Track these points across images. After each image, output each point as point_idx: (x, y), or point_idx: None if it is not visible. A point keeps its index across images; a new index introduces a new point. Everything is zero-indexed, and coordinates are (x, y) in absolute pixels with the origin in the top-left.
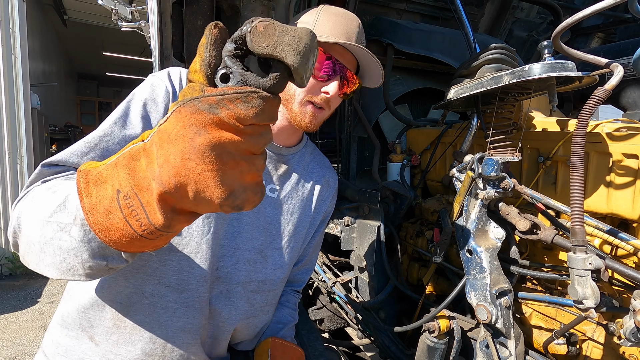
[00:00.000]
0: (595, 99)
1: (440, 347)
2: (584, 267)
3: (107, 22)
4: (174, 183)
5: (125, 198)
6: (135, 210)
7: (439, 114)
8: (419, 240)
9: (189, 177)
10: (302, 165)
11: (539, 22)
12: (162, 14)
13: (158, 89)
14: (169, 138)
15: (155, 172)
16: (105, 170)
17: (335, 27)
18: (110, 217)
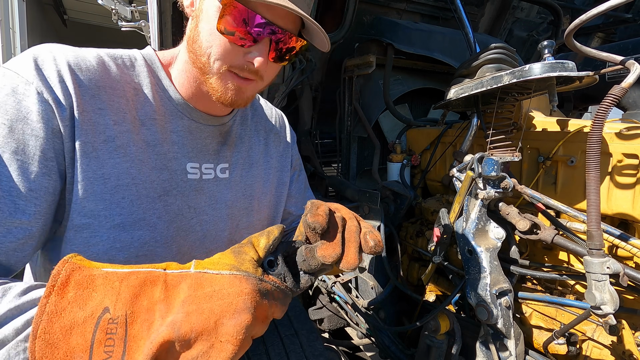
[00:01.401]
0: (612, 98)
1: (440, 347)
2: (602, 272)
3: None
4: (190, 336)
5: (111, 321)
6: (112, 340)
7: (439, 114)
8: (419, 240)
9: (210, 340)
10: (246, 126)
11: (539, 22)
12: (162, 14)
13: (27, 105)
14: (214, 293)
15: (173, 315)
16: (102, 278)
17: None
18: (69, 338)
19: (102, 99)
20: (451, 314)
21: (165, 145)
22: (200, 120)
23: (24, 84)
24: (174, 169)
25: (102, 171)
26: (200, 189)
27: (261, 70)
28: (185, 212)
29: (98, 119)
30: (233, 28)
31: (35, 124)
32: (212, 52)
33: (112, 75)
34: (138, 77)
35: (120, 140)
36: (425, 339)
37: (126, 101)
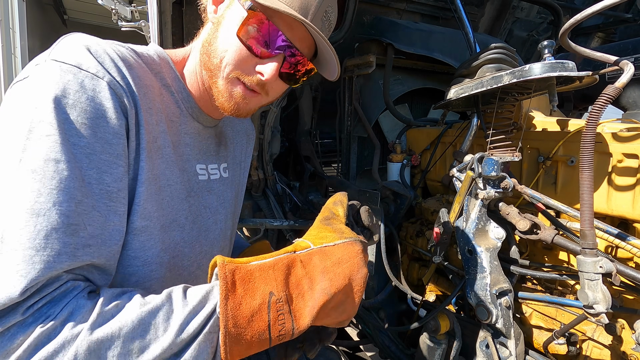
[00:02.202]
0: (605, 98)
1: (440, 347)
2: (595, 271)
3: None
4: (337, 294)
5: (278, 302)
6: (282, 316)
7: (439, 114)
8: (419, 240)
9: (348, 293)
10: (232, 127)
11: (539, 21)
12: (162, 14)
13: (101, 101)
14: (341, 260)
15: (321, 283)
16: (258, 270)
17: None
18: (252, 323)
19: (149, 98)
20: (451, 314)
21: (181, 147)
22: (204, 123)
23: (90, 78)
24: (189, 171)
25: (155, 172)
26: (210, 189)
27: (268, 84)
28: (203, 212)
29: (149, 119)
30: (252, 37)
31: (114, 122)
32: (226, 55)
33: (148, 74)
34: (161, 77)
35: (160, 141)
36: (425, 339)
37: (161, 101)
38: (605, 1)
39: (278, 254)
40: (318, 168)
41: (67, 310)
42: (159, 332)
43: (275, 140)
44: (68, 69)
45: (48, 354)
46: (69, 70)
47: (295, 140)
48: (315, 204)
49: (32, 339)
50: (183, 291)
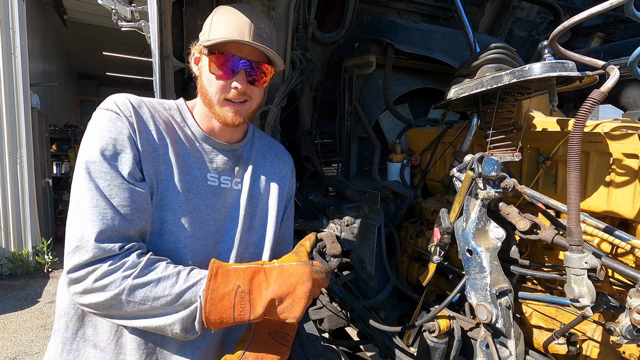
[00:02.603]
0: (592, 102)
1: (440, 347)
2: (580, 266)
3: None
4: (282, 295)
5: (242, 292)
6: (243, 302)
7: (439, 114)
8: (419, 240)
9: (292, 297)
10: (255, 152)
11: (539, 21)
12: (162, 14)
13: (122, 137)
14: (291, 274)
15: (272, 287)
16: (234, 271)
17: (227, 26)
18: (223, 301)
19: (151, 124)
20: (451, 314)
21: (192, 158)
22: (217, 147)
23: (116, 116)
24: (196, 175)
25: (150, 170)
26: (217, 194)
27: (247, 92)
28: (202, 209)
29: (148, 137)
30: (219, 69)
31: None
32: (211, 89)
33: (159, 111)
34: (173, 115)
35: (161, 150)
36: (425, 339)
37: (166, 126)
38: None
39: (251, 264)
40: (318, 168)
41: (125, 261)
42: (167, 290)
43: (275, 140)
44: (103, 112)
45: (106, 284)
46: (103, 112)
47: (295, 140)
48: (315, 203)
49: (99, 272)
50: (189, 271)
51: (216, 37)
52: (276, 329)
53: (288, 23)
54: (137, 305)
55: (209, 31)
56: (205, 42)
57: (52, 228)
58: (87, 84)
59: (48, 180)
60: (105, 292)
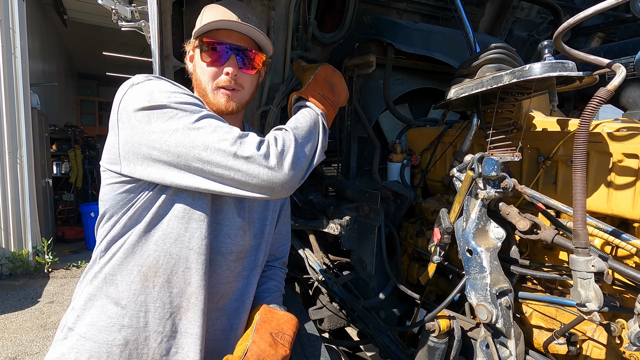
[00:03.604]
0: (597, 100)
1: (440, 347)
2: (587, 270)
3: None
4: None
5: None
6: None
7: (439, 114)
8: (419, 240)
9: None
10: None
11: (539, 21)
12: (162, 14)
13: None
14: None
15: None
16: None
17: (215, 16)
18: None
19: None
20: (451, 314)
21: None
22: None
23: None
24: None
25: None
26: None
27: (238, 79)
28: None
29: None
30: (209, 56)
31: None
32: (204, 78)
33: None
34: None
35: None
36: (425, 339)
37: None
38: (602, 4)
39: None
40: (318, 168)
41: (274, 135)
42: (307, 125)
43: None
44: (148, 79)
45: (283, 144)
46: (147, 78)
47: None
48: (315, 203)
49: (272, 143)
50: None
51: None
52: (277, 330)
53: (288, 23)
54: (306, 142)
55: (199, 24)
56: (195, 33)
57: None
58: (87, 84)
59: (48, 180)
60: (291, 148)
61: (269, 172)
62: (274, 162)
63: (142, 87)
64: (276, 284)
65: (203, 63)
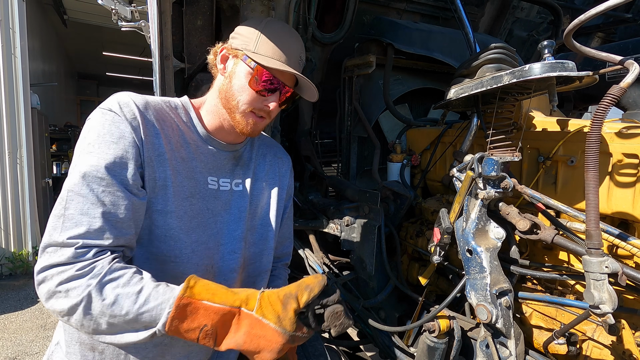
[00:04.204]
0: (610, 98)
1: (440, 347)
2: (601, 271)
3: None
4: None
5: (207, 332)
6: (209, 337)
7: (439, 114)
8: (419, 240)
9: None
10: (254, 151)
11: (539, 21)
12: (162, 14)
13: (125, 143)
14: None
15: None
16: (203, 310)
17: (275, 48)
18: (187, 333)
19: (157, 128)
20: (451, 314)
21: (195, 162)
22: (219, 147)
23: (119, 118)
24: (198, 180)
25: (154, 175)
26: (217, 197)
27: (273, 111)
28: (205, 212)
29: (154, 140)
30: (258, 84)
31: (128, 140)
32: (241, 99)
33: (164, 112)
34: (179, 116)
35: (167, 155)
36: (425, 339)
37: (172, 130)
38: (610, 1)
39: (227, 303)
40: (318, 168)
41: (94, 266)
42: (124, 309)
43: (275, 140)
44: (105, 112)
45: (69, 289)
46: (105, 113)
47: (295, 140)
48: (315, 204)
49: (65, 275)
50: (150, 291)
51: (266, 54)
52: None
53: (288, 23)
54: (98, 318)
55: (255, 43)
56: (251, 53)
57: None
58: (87, 84)
59: (48, 180)
60: (68, 298)
61: (38, 289)
62: (43, 291)
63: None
64: (282, 283)
65: (247, 84)
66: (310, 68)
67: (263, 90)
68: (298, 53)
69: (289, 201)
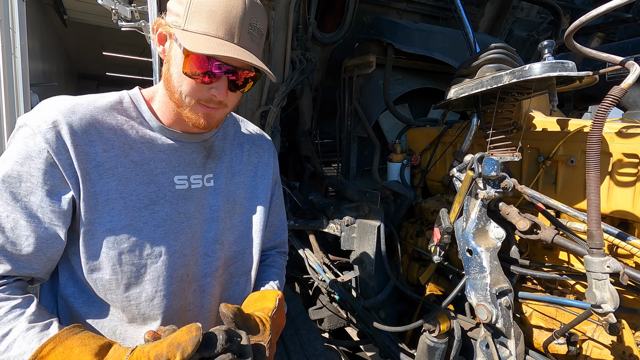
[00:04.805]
0: (611, 98)
1: (440, 347)
2: (602, 271)
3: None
4: None
5: None
6: None
7: (439, 114)
8: (419, 240)
9: None
10: (229, 140)
11: (539, 21)
12: (162, 14)
13: (32, 163)
14: None
15: None
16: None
17: (210, 19)
18: None
19: (92, 133)
20: (451, 314)
21: (153, 162)
22: (182, 139)
23: (29, 130)
24: (161, 182)
25: (94, 189)
26: (189, 197)
27: (224, 100)
28: (175, 217)
29: (88, 149)
30: (196, 71)
31: (37, 160)
32: (182, 90)
33: (101, 113)
34: (125, 112)
35: (109, 164)
36: (425, 339)
37: (113, 132)
38: (611, 3)
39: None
40: (318, 168)
41: None
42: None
43: (275, 140)
44: (23, 126)
45: None
46: (22, 127)
47: (295, 140)
48: (315, 204)
49: None
50: (15, 338)
51: (198, 30)
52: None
53: (288, 23)
54: None
55: (185, 16)
56: (180, 31)
57: None
58: (87, 84)
59: None
60: None
61: None
62: None
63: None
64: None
65: (186, 76)
66: (310, 68)
67: (202, 75)
68: (247, 19)
69: (275, 188)
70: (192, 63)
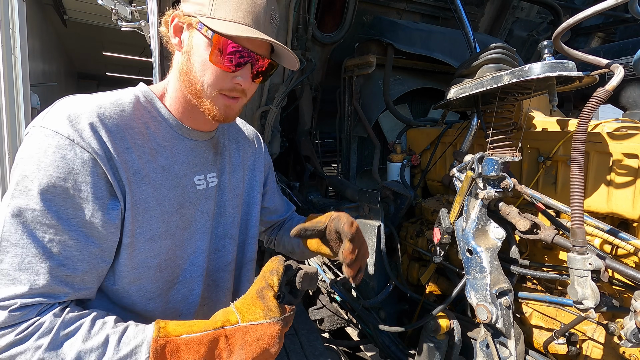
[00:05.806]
0: (596, 100)
1: (440, 347)
2: (584, 268)
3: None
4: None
5: None
6: None
7: (439, 114)
8: (419, 240)
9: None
10: (226, 136)
11: (539, 21)
12: (162, 14)
13: (76, 175)
14: (259, 337)
15: (238, 356)
16: (185, 345)
17: (238, 7)
18: None
19: (127, 139)
20: (451, 314)
21: (176, 165)
22: (196, 138)
23: (65, 140)
24: (185, 185)
25: (135, 199)
26: (209, 196)
27: (247, 88)
28: (199, 218)
29: (127, 157)
30: (222, 58)
31: (83, 172)
32: (205, 79)
33: (128, 117)
34: (144, 113)
35: (145, 171)
36: (425, 339)
37: (142, 136)
38: (601, 4)
39: (208, 328)
40: (318, 168)
41: (39, 323)
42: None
43: (275, 140)
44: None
45: (16, 353)
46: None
47: (295, 140)
48: (315, 203)
49: (5, 341)
50: (118, 338)
51: (226, 18)
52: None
53: (288, 23)
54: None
55: (211, 5)
56: (207, 19)
57: None
58: (87, 84)
59: None
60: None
61: None
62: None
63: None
64: (298, 220)
65: (207, 60)
66: (310, 68)
67: (227, 63)
68: (269, 10)
69: (269, 176)
70: (218, 50)
